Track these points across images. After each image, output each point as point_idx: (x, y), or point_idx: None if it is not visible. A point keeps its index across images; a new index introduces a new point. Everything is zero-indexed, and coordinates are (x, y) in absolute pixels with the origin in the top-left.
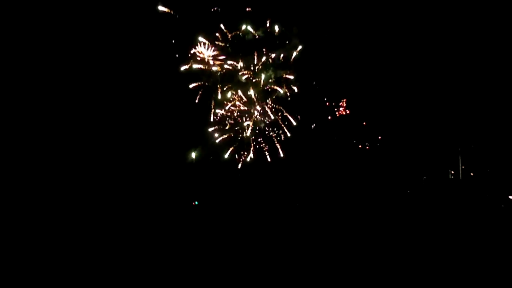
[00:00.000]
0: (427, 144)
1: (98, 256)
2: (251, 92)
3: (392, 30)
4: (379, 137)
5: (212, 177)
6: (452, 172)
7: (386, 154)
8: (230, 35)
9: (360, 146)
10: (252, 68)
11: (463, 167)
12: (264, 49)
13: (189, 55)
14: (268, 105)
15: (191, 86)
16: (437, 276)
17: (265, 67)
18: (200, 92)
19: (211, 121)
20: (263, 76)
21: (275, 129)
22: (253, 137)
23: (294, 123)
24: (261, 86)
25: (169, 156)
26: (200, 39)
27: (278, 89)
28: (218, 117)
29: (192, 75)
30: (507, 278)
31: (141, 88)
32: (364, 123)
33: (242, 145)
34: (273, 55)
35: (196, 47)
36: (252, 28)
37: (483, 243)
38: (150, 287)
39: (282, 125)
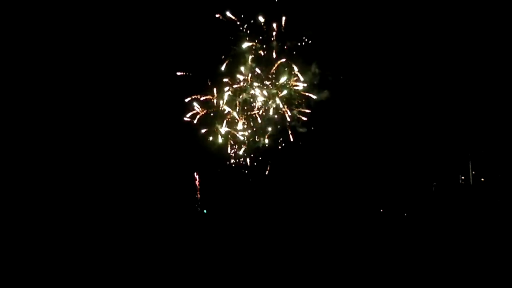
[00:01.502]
0: (437, 150)
1: (98, 260)
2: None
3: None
4: (389, 142)
5: (222, 185)
6: (463, 177)
7: (396, 159)
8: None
9: (370, 152)
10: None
11: (473, 172)
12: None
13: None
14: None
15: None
16: (447, 281)
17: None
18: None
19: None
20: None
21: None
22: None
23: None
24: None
25: (178, 161)
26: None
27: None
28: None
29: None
30: None
31: (149, 89)
32: (371, 127)
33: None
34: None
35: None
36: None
37: (495, 249)
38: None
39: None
